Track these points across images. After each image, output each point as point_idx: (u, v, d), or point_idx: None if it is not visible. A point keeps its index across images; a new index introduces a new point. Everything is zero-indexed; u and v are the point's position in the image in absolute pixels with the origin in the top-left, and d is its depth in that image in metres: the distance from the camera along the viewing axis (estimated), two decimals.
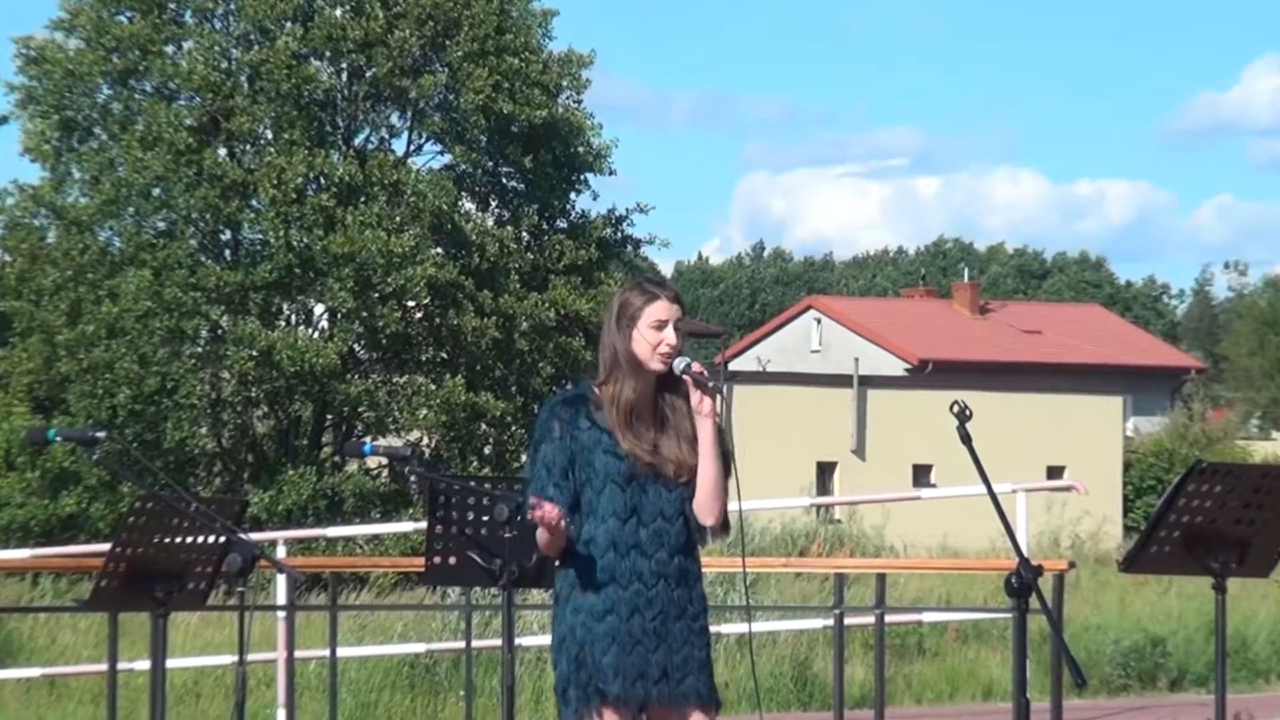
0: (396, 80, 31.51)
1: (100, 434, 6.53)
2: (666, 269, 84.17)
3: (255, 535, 10.87)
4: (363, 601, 21.31)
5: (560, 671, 5.91)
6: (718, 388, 5.89)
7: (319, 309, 32.05)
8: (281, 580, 13.59)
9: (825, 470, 42.66)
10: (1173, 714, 15.54)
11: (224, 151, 31.63)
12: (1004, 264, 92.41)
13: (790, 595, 20.61)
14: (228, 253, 32.30)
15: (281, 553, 14.51)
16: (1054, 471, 40.63)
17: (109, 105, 32.00)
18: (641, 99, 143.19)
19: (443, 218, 31.27)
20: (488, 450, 32.26)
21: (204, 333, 31.47)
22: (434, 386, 31.06)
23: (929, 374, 49.21)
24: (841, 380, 43.82)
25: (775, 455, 37.55)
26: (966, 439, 5.91)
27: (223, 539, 6.68)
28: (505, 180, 33.70)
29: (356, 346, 32.09)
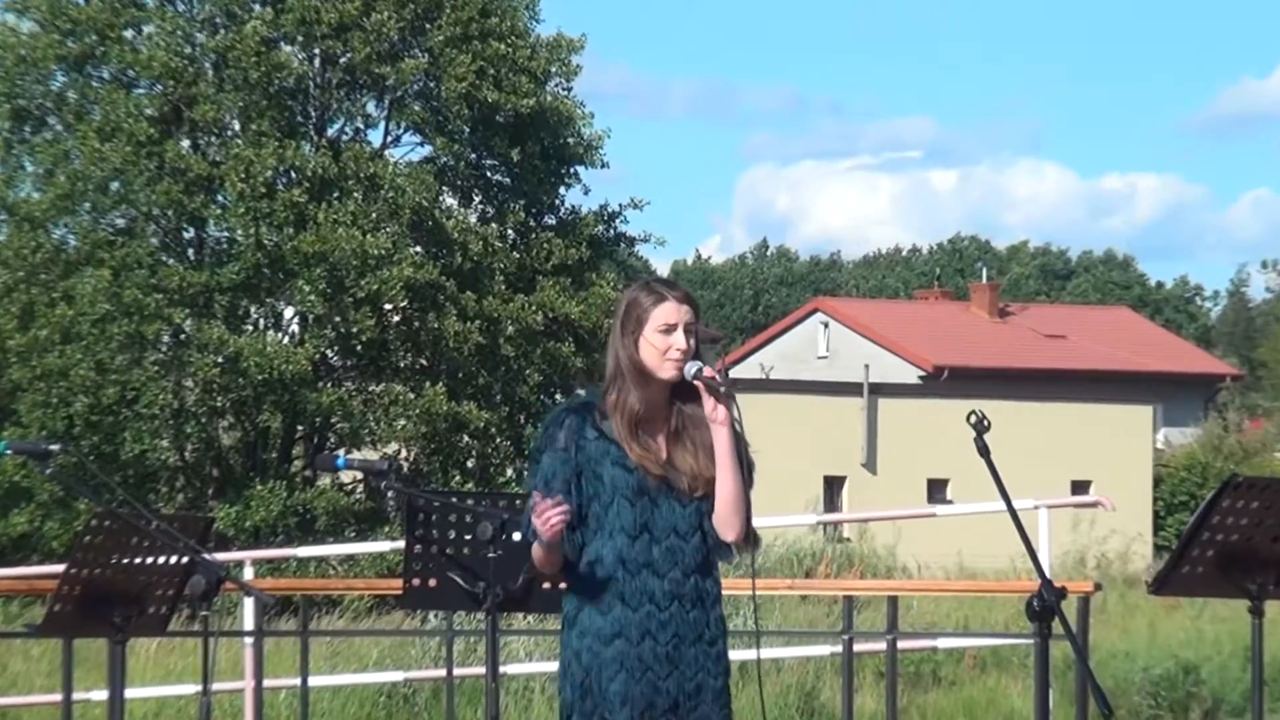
0: (373, 67, 31.56)
1: (54, 446, 6.52)
2: (663, 269, 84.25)
3: (221, 555, 10.85)
4: (336, 626, 21.30)
5: (564, 699, 5.89)
6: (732, 393, 5.86)
7: (289, 312, 32.10)
8: (249, 604, 13.57)
9: (833, 485, 42.72)
10: None
11: (187, 143, 31.69)
12: (1025, 264, 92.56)
13: (796, 620, 20.64)
14: (191, 252, 32.35)
15: (249, 574, 14.50)
16: (1079, 487, 40.71)
17: (64, 93, 32.04)
18: (636, 87, 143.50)
19: (422, 214, 31.31)
20: (470, 464, 32.31)
21: (166, 337, 31.47)
22: (413, 395, 31.09)
23: (945, 382, 49.22)
24: (850, 389, 43.90)
25: (779, 469, 37.33)
26: (985, 452, 5.90)
27: (186, 560, 6.67)
28: (489, 174, 33.77)
29: (329, 352, 32.12)
